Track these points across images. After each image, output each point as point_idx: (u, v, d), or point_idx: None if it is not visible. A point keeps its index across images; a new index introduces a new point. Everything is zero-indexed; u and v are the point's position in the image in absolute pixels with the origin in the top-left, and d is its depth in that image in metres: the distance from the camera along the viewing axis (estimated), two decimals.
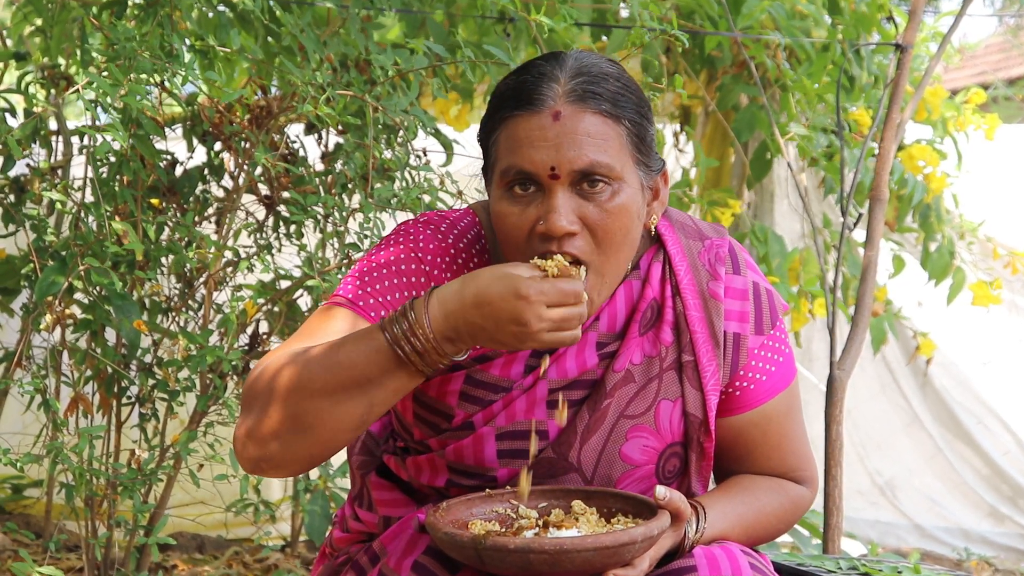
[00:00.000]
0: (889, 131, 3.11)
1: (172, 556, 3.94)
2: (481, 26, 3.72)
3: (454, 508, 1.71)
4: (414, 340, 1.55)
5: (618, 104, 1.71)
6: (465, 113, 3.94)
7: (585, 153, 1.67)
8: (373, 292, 1.73)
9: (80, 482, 2.83)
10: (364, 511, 1.92)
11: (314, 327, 1.71)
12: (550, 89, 1.69)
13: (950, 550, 5.51)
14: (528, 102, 1.69)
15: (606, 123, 1.69)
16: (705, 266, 1.85)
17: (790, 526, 1.92)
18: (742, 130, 4.32)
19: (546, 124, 1.67)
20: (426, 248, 1.78)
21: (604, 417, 1.80)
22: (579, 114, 1.68)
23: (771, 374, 1.88)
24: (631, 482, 1.83)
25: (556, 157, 1.66)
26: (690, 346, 1.82)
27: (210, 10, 3.31)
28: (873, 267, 3.10)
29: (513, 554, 1.55)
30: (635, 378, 1.81)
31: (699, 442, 1.84)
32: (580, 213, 1.68)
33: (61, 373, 3.14)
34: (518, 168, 1.68)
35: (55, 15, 3.42)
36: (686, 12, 4.10)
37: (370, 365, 1.57)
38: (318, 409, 1.58)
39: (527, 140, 1.68)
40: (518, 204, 1.70)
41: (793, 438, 1.91)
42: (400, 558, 1.73)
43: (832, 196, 4.59)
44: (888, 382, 5.69)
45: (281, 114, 3.03)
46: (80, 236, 2.82)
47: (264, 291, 3.14)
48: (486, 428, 1.79)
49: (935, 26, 4.78)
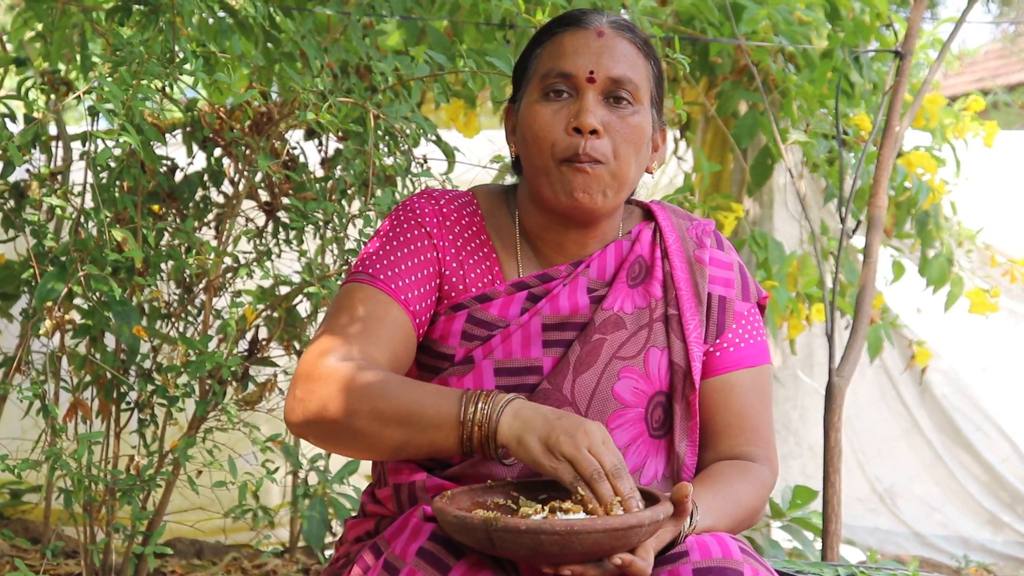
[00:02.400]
0: (888, 138, 3.12)
1: (170, 562, 3.94)
2: (484, 32, 3.72)
3: (458, 498, 1.75)
4: (480, 427, 1.74)
5: (648, 45, 1.98)
6: (473, 119, 3.94)
7: (620, 65, 1.91)
8: (391, 264, 1.94)
9: (78, 488, 2.83)
10: (380, 489, 2.00)
11: (350, 307, 1.91)
12: (595, 16, 1.96)
13: (949, 557, 5.51)
14: (575, 22, 1.96)
15: (638, 54, 1.95)
16: (692, 238, 2.05)
17: (762, 509, 2.01)
18: (742, 136, 4.32)
19: (590, 38, 1.93)
20: (423, 213, 2.00)
21: (597, 354, 1.94)
22: (618, 37, 1.94)
23: (739, 348, 2.02)
24: (622, 424, 1.94)
25: (596, 63, 1.90)
26: (675, 301, 1.99)
27: (211, 16, 3.31)
28: (872, 274, 3.10)
29: (524, 535, 1.58)
30: (627, 325, 1.97)
31: (684, 395, 1.97)
32: (605, 120, 1.90)
33: (60, 378, 3.14)
34: (560, 70, 1.91)
35: (55, 20, 3.42)
36: (686, 18, 4.11)
37: (434, 431, 1.76)
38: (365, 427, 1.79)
39: (572, 48, 1.92)
40: (552, 106, 1.91)
41: (753, 414, 2.02)
42: (405, 545, 1.76)
43: (831, 203, 4.59)
44: (888, 389, 5.70)
45: (282, 120, 3.03)
46: (80, 242, 2.82)
47: (264, 297, 3.13)
48: (485, 361, 1.94)
49: (934, 33, 4.78)
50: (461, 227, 2.00)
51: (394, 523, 1.85)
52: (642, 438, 1.96)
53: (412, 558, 1.72)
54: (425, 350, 1.98)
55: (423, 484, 1.90)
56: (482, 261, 2.00)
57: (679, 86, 4.53)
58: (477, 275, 1.99)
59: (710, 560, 1.72)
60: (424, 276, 1.95)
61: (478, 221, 2.02)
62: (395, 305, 1.91)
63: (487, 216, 2.03)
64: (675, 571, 1.71)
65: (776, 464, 2.06)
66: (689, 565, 1.71)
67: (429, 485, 1.90)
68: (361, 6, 3.23)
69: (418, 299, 1.93)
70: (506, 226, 2.03)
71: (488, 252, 2.00)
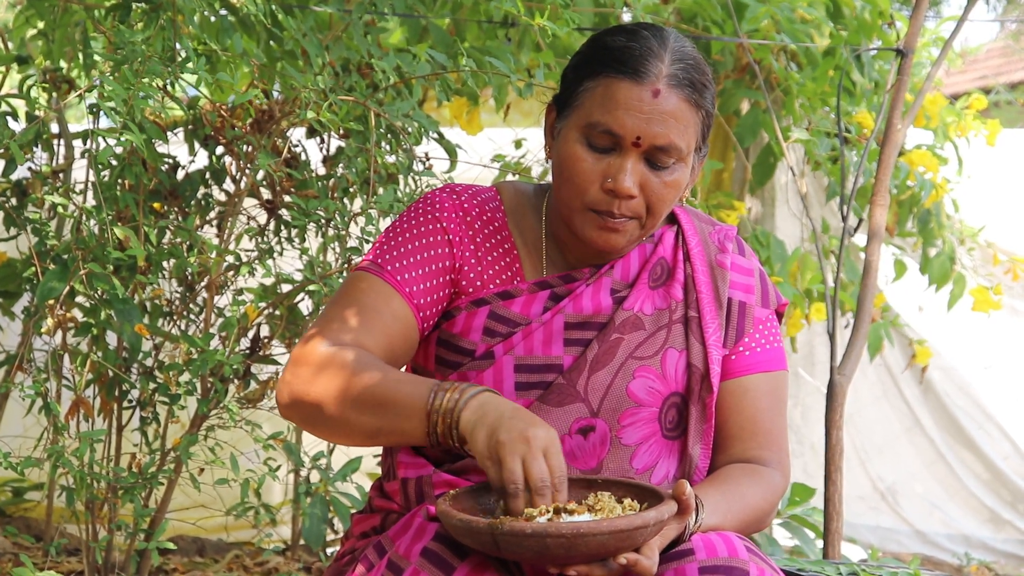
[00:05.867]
0: (890, 137, 3.11)
1: (172, 559, 3.94)
2: (486, 30, 3.72)
3: (460, 498, 1.74)
4: (444, 417, 1.72)
5: (703, 94, 1.89)
6: (476, 117, 3.93)
7: (669, 134, 1.84)
8: (400, 256, 1.93)
9: (81, 486, 2.83)
10: (388, 482, 1.98)
11: (354, 296, 1.91)
12: (655, 66, 1.85)
13: (951, 555, 5.51)
14: (634, 72, 1.85)
15: (690, 110, 1.87)
16: (714, 243, 2.04)
17: (772, 512, 2.00)
18: (745, 135, 4.32)
19: (645, 97, 1.84)
20: (442, 208, 1.97)
21: (614, 353, 1.93)
22: (673, 97, 1.85)
23: (756, 352, 2.01)
24: (634, 422, 1.93)
25: (645, 129, 1.84)
26: (695, 304, 1.98)
27: (212, 14, 3.31)
28: (874, 272, 3.10)
29: (530, 538, 1.58)
30: (645, 326, 1.96)
31: (700, 397, 1.96)
32: (642, 181, 1.86)
33: (62, 376, 3.14)
34: (607, 127, 1.84)
35: (57, 19, 3.42)
36: (688, 16, 4.11)
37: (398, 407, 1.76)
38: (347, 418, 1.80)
39: (624, 105, 1.84)
40: (592, 154, 1.87)
41: (766, 419, 2.00)
42: (409, 545, 1.75)
43: (833, 202, 4.59)
44: (889, 387, 5.69)
45: (283, 118, 3.03)
46: (81, 240, 2.82)
47: (265, 295, 3.14)
48: (506, 357, 1.92)
49: (936, 31, 4.78)
50: (482, 223, 1.98)
51: (399, 522, 1.84)
52: (655, 438, 1.95)
53: (416, 558, 1.72)
54: (446, 344, 1.96)
55: (430, 479, 1.89)
56: (502, 257, 1.98)
57: None
58: (496, 271, 1.97)
59: (716, 559, 1.71)
60: (434, 271, 1.94)
61: (500, 217, 2.00)
62: (398, 297, 1.90)
63: (510, 213, 2.01)
64: (681, 569, 1.71)
65: (788, 469, 2.04)
66: (695, 564, 1.71)
67: (436, 481, 1.89)
68: (362, 4, 3.23)
69: (424, 293, 1.92)
70: (530, 225, 2.01)
71: (509, 248, 1.99)
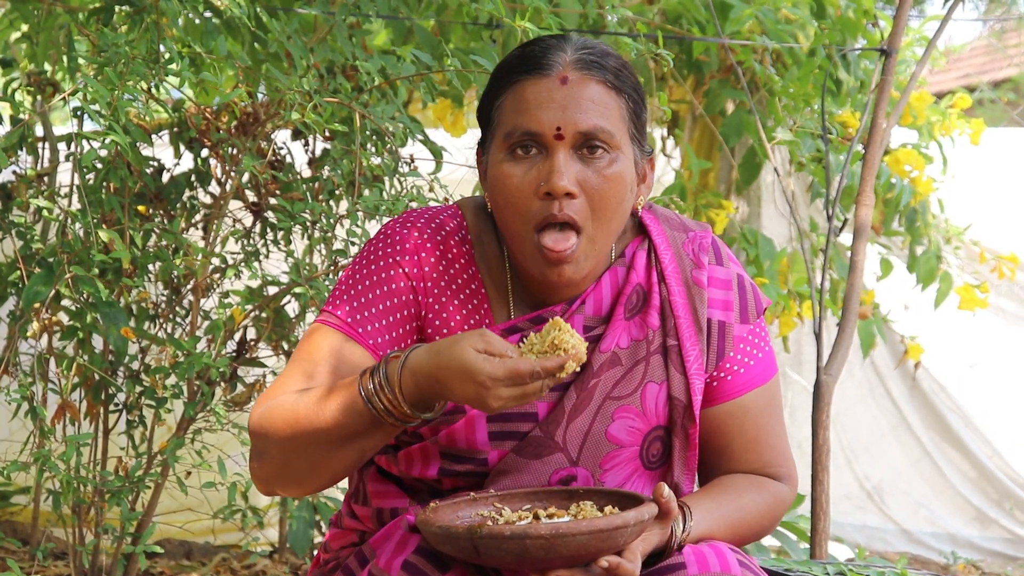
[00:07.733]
0: (875, 136, 3.12)
1: (159, 563, 3.94)
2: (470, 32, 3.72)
3: (441, 511, 1.73)
4: (385, 400, 1.64)
5: (620, 78, 1.79)
6: (460, 119, 3.93)
7: (590, 117, 1.75)
8: (360, 307, 1.82)
9: (67, 489, 2.82)
10: (359, 506, 1.94)
11: (310, 352, 1.80)
12: (557, 57, 1.77)
13: (937, 554, 5.52)
14: (536, 67, 1.77)
15: (608, 94, 1.78)
16: (689, 255, 1.91)
17: (773, 524, 1.95)
18: (730, 135, 4.32)
19: (553, 87, 1.75)
20: (403, 250, 1.84)
21: (591, 398, 1.83)
22: (585, 80, 1.76)
23: (749, 367, 1.92)
24: (616, 464, 1.87)
25: (562, 118, 1.74)
26: (674, 331, 1.87)
27: (196, 16, 3.30)
28: (859, 272, 3.10)
29: (509, 541, 1.57)
30: (622, 361, 1.85)
31: (683, 427, 1.88)
32: (580, 178, 1.75)
33: (48, 380, 3.13)
34: (524, 128, 1.75)
35: (41, 21, 3.42)
36: (673, 17, 4.11)
37: (352, 422, 1.67)
38: (312, 459, 1.71)
39: (534, 102, 1.75)
40: (520, 166, 1.76)
41: (771, 433, 1.94)
42: (390, 557, 1.74)
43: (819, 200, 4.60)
44: (876, 386, 5.71)
45: (268, 120, 3.03)
46: (67, 243, 2.81)
47: (252, 297, 3.13)
48: (477, 410, 1.81)
49: (920, 30, 4.80)
50: (447, 262, 1.85)
51: (380, 531, 1.83)
52: (637, 473, 1.89)
53: (397, 571, 1.71)
54: None
55: (405, 511, 1.85)
56: (469, 300, 1.86)
57: (666, 83, 4.54)
58: (464, 316, 1.85)
59: (707, 573, 1.69)
60: (398, 319, 1.82)
61: (467, 251, 1.87)
62: (359, 349, 1.79)
63: (476, 243, 1.88)
64: None
65: (796, 479, 1.98)
66: None
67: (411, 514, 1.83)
68: (347, 6, 3.23)
69: (389, 344, 1.81)
70: (494, 257, 1.88)
71: (476, 288, 1.86)
